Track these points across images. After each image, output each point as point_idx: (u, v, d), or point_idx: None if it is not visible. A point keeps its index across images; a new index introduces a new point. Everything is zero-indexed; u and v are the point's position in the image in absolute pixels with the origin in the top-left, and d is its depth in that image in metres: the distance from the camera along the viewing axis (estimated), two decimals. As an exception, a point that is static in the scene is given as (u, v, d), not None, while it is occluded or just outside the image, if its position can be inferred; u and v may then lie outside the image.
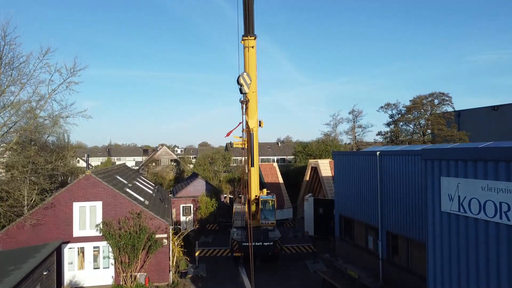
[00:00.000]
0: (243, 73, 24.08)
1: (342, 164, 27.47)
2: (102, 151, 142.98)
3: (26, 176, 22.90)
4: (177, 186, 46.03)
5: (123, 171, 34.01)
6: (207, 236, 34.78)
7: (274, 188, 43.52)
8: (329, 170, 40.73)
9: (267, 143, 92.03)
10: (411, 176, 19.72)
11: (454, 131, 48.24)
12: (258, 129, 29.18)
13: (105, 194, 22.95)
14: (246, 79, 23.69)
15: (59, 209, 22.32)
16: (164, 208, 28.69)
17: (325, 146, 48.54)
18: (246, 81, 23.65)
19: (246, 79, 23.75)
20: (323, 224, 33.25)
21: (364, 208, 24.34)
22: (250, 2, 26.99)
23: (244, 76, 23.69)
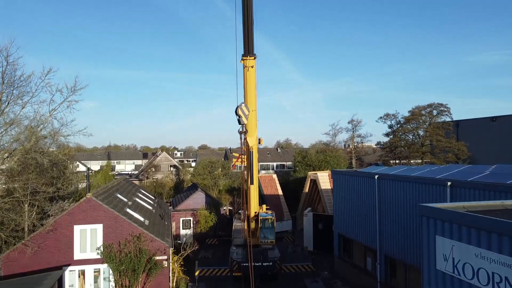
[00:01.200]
0: (241, 104, 24.29)
1: (341, 183, 27.64)
2: (102, 155, 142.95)
3: (26, 200, 23.02)
4: (176, 197, 46.19)
5: (123, 187, 34.14)
6: (207, 250, 34.99)
7: (273, 200, 43.73)
8: (328, 183, 40.89)
9: (266, 149, 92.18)
10: (409, 202, 19.89)
11: (453, 142, 48.42)
12: (257, 146, 29.41)
13: (105, 216, 23.10)
14: (244, 111, 23.91)
15: (60, 232, 22.47)
16: (164, 225, 28.84)
17: (324, 156, 48.70)
18: (244, 112, 23.86)
19: (245, 110, 23.96)
20: (322, 239, 33.46)
21: (363, 229, 24.53)
22: (250, 22, 27.14)
23: (242, 108, 23.91)
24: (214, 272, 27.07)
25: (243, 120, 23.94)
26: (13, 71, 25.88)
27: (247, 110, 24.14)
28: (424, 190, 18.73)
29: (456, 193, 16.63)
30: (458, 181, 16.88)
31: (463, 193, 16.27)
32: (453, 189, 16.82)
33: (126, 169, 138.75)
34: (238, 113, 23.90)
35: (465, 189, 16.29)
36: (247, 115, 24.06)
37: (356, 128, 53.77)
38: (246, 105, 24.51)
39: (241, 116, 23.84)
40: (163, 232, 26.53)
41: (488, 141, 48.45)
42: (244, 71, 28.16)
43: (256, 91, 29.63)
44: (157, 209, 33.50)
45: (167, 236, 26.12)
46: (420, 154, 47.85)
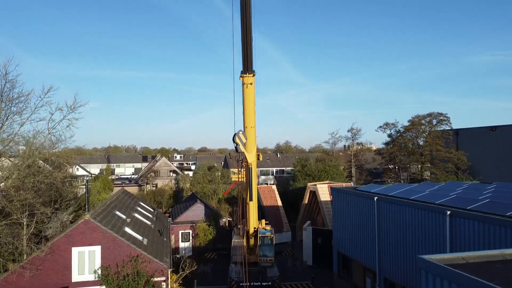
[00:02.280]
0: (239, 132, 24.23)
1: (340, 200, 27.55)
2: (102, 158, 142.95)
3: (24, 221, 22.93)
4: (176, 207, 46.09)
5: (122, 201, 34.02)
6: (206, 265, 34.89)
7: (273, 211, 43.65)
8: (327, 194, 40.81)
9: (266, 154, 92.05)
10: (409, 227, 19.80)
11: (453, 151, 48.38)
12: (256, 163, 29.30)
13: (103, 238, 22.98)
14: (241, 139, 23.86)
15: (58, 254, 22.33)
16: (163, 243, 28.73)
17: (324, 166, 48.61)
18: (241, 140, 23.81)
19: (242, 138, 23.91)
20: (321, 254, 33.37)
21: (362, 249, 24.44)
22: (248, 39, 27.06)
23: (239, 136, 23.86)
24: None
25: (241, 148, 23.91)
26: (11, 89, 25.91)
27: (244, 138, 24.09)
28: (423, 216, 18.63)
29: (456, 224, 16.52)
30: (457, 210, 16.77)
31: (463, 224, 16.17)
32: (452, 219, 16.72)
33: (125, 172, 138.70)
34: (236, 141, 23.86)
35: (464, 219, 16.19)
36: (244, 143, 24.01)
37: (355, 137, 53.77)
38: (243, 133, 24.46)
39: (239, 144, 23.80)
40: (162, 250, 26.43)
41: (487, 151, 48.39)
42: (242, 88, 28.05)
43: (255, 107, 29.63)
44: (156, 224, 33.39)
45: (166, 255, 26.02)
46: (420, 164, 47.77)
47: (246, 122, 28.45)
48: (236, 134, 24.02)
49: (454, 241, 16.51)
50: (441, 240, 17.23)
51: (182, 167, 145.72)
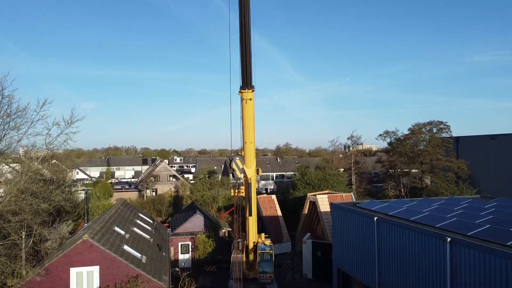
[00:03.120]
0: (236, 157, 24.22)
1: (340, 217, 27.42)
2: (102, 161, 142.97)
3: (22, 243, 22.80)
4: (175, 217, 45.96)
5: (121, 214, 33.90)
6: (205, 278, 34.80)
7: (272, 221, 43.54)
8: (327, 205, 40.70)
9: (265, 159, 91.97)
10: (408, 250, 19.67)
11: (453, 160, 48.23)
12: (255, 178, 29.17)
13: (102, 258, 22.86)
14: (238, 164, 23.86)
15: (56, 275, 22.20)
16: (162, 258, 28.61)
17: (324, 175, 48.49)
18: (238, 166, 23.82)
19: (239, 164, 23.90)
20: (321, 267, 33.27)
21: (362, 268, 24.31)
22: (248, 54, 26.92)
23: (236, 162, 23.85)
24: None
25: (237, 173, 23.89)
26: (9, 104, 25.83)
27: (241, 163, 24.09)
28: (424, 241, 18.50)
29: (456, 252, 16.40)
30: (457, 238, 16.63)
31: (463, 252, 16.05)
32: (452, 246, 16.60)
33: (125, 175, 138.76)
34: (232, 167, 23.84)
35: (464, 248, 16.06)
36: (241, 168, 24.00)
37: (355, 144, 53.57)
38: (240, 158, 24.46)
39: (236, 170, 23.79)
40: (161, 268, 26.31)
41: (488, 159, 48.29)
42: (242, 104, 27.88)
43: (255, 123, 29.44)
44: (156, 237, 33.28)
45: (165, 272, 25.91)
46: (420, 172, 47.66)
47: (245, 137, 28.28)
48: (232, 160, 24.05)
49: (454, 270, 16.39)
50: (442, 268, 17.10)
51: (182, 170, 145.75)
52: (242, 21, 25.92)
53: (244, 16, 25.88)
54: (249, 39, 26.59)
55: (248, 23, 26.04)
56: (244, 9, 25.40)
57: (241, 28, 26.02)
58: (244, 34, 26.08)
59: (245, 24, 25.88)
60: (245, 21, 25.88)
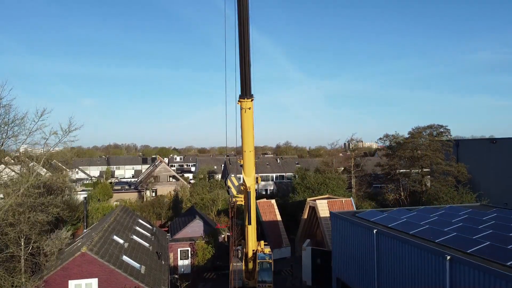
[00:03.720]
0: (231, 175, 24.21)
1: (340, 228, 27.33)
2: (101, 160, 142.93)
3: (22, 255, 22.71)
4: (175, 221, 45.89)
5: (120, 221, 33.82)
6: (204, 285, 34.78)
7: (272, 226, 43.49)
8: (326, 210, 40.66)
9: (265, 160, 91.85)
10: (408, 265, 19.60)
11: (453, 164, 48.14)
12: (255, 187, 29.08)
13: (101, 271, 22.82)
14: (234, 182, 23.87)
15: (54, 287, 22.20)
16: (161, 267, 28.56)
17: (323, 179, 48.42)
18: (233, 184, 23.81)
19: (234, 181, 23.91)
20: (320, 274, 33.25)
21: (362, 280, 24.25)
22: (247, 63, 26.75)
23: (231, 179, 23.85)
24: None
25: (233, 191, 23.93)
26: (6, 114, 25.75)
27: (236, 181, 24.12)
28: (423, 257, 18.42)
29: (456, 270, 16.32)
30: (457, 256, 16.53)
31: (463, 271, 15.97)
32: (452, 265, 16.52)
33: (125, 174, 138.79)
34: (228, 185, 23.85)
35: (464, 266, 15.98)
36: (236, 186, 24.02)
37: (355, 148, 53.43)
38: (235, 176, 24.51)
39: (231, 188, 23.81)
40: (159, 277, 26.26)
41: (487, 163, 48.18)
42: (241, 113, 27.77)
43: (254, 131, 29.36)
44: (155, 243, 33.23)
45: (164, 282, 25.86)
46: (420, 176, 47.59)
47: (245, 146, 28.19)
48: (227, 178, 24.09)
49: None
50: (441, 285, 17.04)
51: (182, 169, 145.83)
52: (241, 31, 25.72)
53: (243, 26, 25.66)
54: (248, 49, 26.38)
55: (247, 32, 25.84)
56: (242, 19, 25.21)
57: (240, 38, 25.83)
58: (243, 43, 25.88)
59: (244, 33, 25.68)
60: (244, 30, 25.68)
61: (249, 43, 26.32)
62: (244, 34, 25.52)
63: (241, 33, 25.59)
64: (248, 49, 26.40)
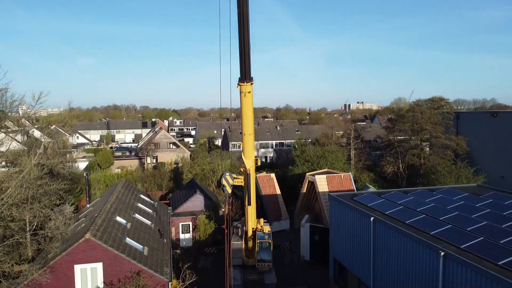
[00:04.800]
0: (225, 173, 24.27)
1: (338, 210, 27.84)
2: (101, 124, 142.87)
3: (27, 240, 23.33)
4: (176, 194, 46.60)
5: (122, 200, 34.34)
6: (206, 259, 35.91)
7: (271, 199, 44.26)
8: (325, 185, 41.27)
9: (265, 127, 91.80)
10: (403, 254, 20.18)
11: (452, 137, 48.29)
12: (254, 169, 29.37)
13: (105, 255, 23.52)
14: (228, 180, 23.98)
15: (61, 272, 22.95)
16: (163, 246, 29.34)
17: (323, 152, 48.73)
18: (228, 182, 23.94)
19: (229, 180, 24.01)
20: (319, 250, 34.28)
21: (358, 263, 25.02)
22: (246, 45, 26.30)
23: (226, 177, 23.93)
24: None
25: (227, 189, 24.10)
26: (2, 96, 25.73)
27: (231, 179, 24.27)
28: (418, 250, 18.94)
29: (449, 267, 16.84)
30: (450, 253, 16.99)
31: (456, 269, 16.49)
32: (446, 261, 17.03)
33: (125, 138, 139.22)
34: (222, 183, 24.00)
35: (457, 264, 16.48)
36: (231, 184, 24.21)
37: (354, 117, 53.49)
38: (230, 174, 24.61)
39: (225, 186, 23.98)
40: (162, 258, 27.07)
41: (487, 137, 48.29)
42: (240, 96, 27.61)
43: (253, 114, 29.33)
44: (157, 220, 33.97)
45: (166, 263, 26.66)
46: (419, 150, 47.85)
47: (244, 129, 28.26)
48: (222, 176, 24.25)
49: (446, 285, 16.92)
50: (434, 279, 17.66)
51: (182, 133, 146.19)
52: (241, 12, 25.06)
53: (243, 7, 24.99)
54: (248, 31, 25.86)
55: (247, 15, 25.18)
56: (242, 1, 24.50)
57: (240, 19, 25.21)
58: (242, 26, 25.32)
59: (243, 15, 25.04)
60: (244, 12, 25.01)
61: (248, 25, 25.76)
62: (243, 16, 24.92)
63: (240, 15, 24.97)
64: (248, 32, 25.87)
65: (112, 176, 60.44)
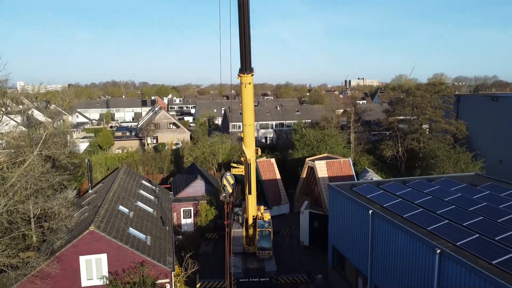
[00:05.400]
0: (226, 173, 24.42)
1: (337, 200, 28.25)
2: (101, 103, 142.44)
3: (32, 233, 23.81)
4: (177, 178, 47.07)
5: (124, 187, 34.77)
6: (207, 244, 36.71)
7: (271, 184, 44.76)
8: (325, 171, 41.70)
9: (265, 107, 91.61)
10: (401, 249, 20.68)
11: (452, 121, 48.42)
12: (255, 158, 29.69)
13: (109, 247, 24.08)
14: (229, 180, 24.17)
15: (67, 263, 23.57)
16: (166, 234, 29.94)
17: (322, 136, 48.97)
18: (229, 182, 24.12)
19: (230, 180, 24.23)
20: (317, 236, 34.99)
21: (356, 253, 25.63)
22: (247, 37, 26.13)
23: (227, 177, 24.13)
24: (215, 285, 28.67)
25: (228, 189, 24.36)
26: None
27: (232, 179, 24.50)
28: (415, 246, 19.42)
29: (444, 265, 17.33)
30: (446, 251, 17.43)
31: (451, 268, 16.97)
32: (441, 258, 17.51)
33: (125, 117, 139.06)
34: (223, 183, 24.21)
35: (452, 262, 16.95)
36: (232, 184, 24.45)
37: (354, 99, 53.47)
38: (231, 174, 24.83)
39: (226, 186, 24.21)
40: (165, 246, 27.68)
41: (487, 120, 48.41)
42: (241, 87, 27.64)
43: (253, 105, 29.42)
44: (159, 208, 34.51)
45: (169, 251, 27.29)
46: (418, 135, 48.06)
47: (245, 120, 28.43)
48: (223, 176, 24.47)
49: (441, 282, 17.47)
50: (430, 276, 18.19)
51: (182, 111, 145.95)
52: (241, 5, 24.78)
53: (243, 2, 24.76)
54: (248, 23, 25.63)
55: (247, 7, 24.91)
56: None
57: (240, 11, 24.93)
58: (243, 17, 25.07)
59: (244, 8, 24.77)
60: (244, 5, 24.75)
61: (249, 17, 25.50)
62: (244, 10, 24.66)
63: (240, 9, 24.73)
64: (248, 24, 25.64)
65: (113, 158, 60.85)
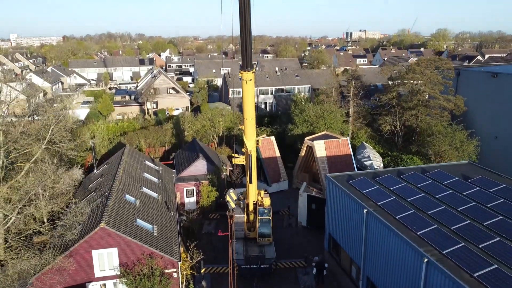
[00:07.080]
0: (229, 190, 25.27)
1: (334, 192, 29.54)
2: (98, 62, 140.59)
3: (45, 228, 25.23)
4: (178, 154, 48.19)
5: (129, 170, 35.90)
6: (209, 224, 38.55)
7: (271, 162, 46.04)
8: (323, 151, 42.81)
9: (264, 73, 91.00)
10: (393, 250, 22.22)
11: (451, 97, 48.86)
12: (255, 149, 30.73)
13: (119, 242, 25.70)
14: (232, 197, 25.03)
15: (80, 256, 25.31)
16: (171, 221, 31.50)
17: (322, 112, 49.60)
18: (232, 198, 25.04)
19: (233, 196, 25.11)
20: (315, 217, 36.81)
21: (351, 243, 27.30)
22: (248, 37, 26.41)
23: (230, 194, 24.99)
24: (218, 270, 30.64)
25: (231, 205, 25.38)
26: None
27: (235, 195, 25.45)
28: (404, 250, 20.91)
29: (430, 274, 18.87)
30: (432, 260, 18.90)
31: (436, 277, 18.51)
32: (428, 267, 19.02)
33: (123, 77, 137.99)
34: (226, 199, 25.17)
35: (438, 272, 18.47)
36: (235, 200, 25.43)
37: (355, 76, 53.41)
38: (234, 190, 25.74)
39: (229, 202, 25.21)
40: (171, 236, 29.32)
41: (486, 97, 48.84)
42: (242, 83, 28.16)
43: (254, 100, 29.99)
44: (163, 191, 35.90)
45: (175, 240, 28.98)
46: (416, 112, 48.67)
47: (245, 114, 29.18)
48: (226, 193, 25.45)
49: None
50: (416, 282, 19.82)
51: (180, 70, 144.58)
52: (242, 5, 24.74)
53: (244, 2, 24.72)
54: (249, 20, 25.71)
55: (248, 8, 24.90)
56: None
57: (241, 13, 25.00)
58: (244, 14, 25.16)
59: (245, 8, 24.76)
60: (245, 6, 24.75)
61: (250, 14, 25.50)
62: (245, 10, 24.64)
63: (241, 9, 24.70)
64: (249, 21, 25.72)
65: (115, 129, 61.73)
